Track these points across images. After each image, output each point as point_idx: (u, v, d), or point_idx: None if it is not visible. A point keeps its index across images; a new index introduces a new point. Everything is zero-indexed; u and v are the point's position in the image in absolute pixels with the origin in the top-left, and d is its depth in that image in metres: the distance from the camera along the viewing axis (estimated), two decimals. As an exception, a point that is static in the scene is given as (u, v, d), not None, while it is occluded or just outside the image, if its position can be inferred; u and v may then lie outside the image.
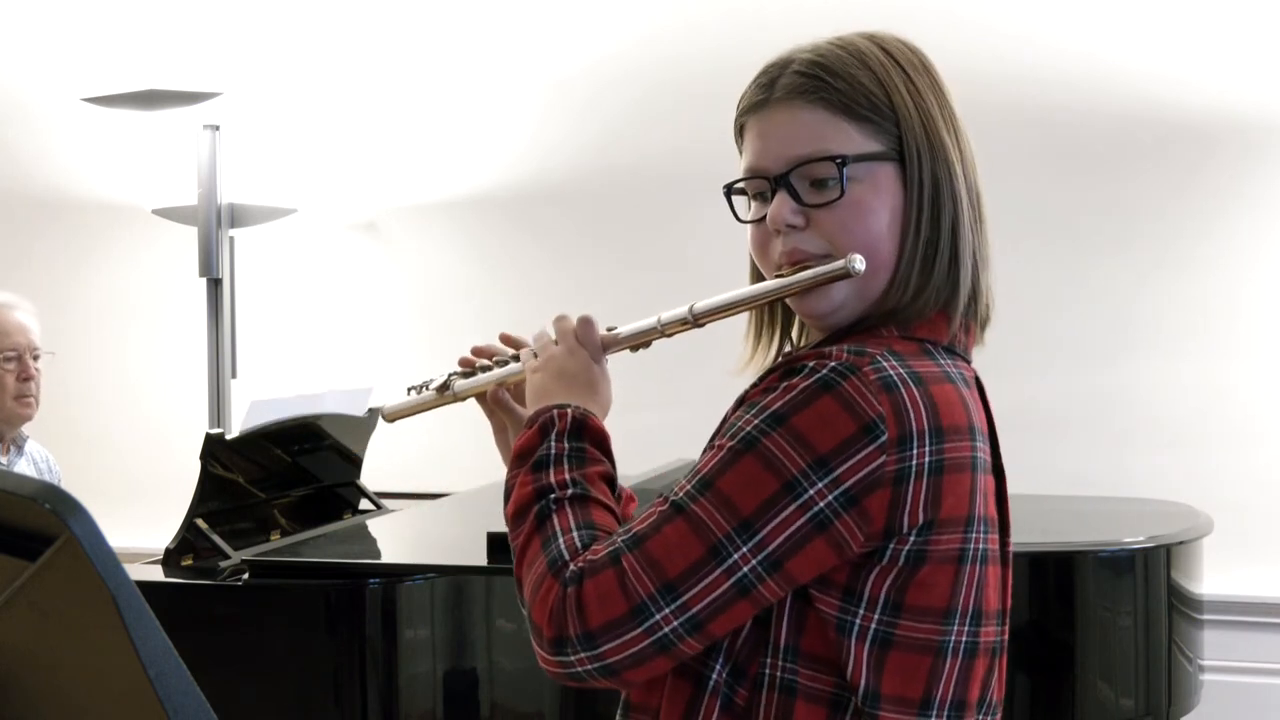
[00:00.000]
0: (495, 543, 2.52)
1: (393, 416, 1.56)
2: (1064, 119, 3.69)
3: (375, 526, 3.11)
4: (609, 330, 1.38)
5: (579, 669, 1.17)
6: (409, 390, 1.53)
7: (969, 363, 1.29)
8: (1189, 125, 3.61)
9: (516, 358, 1.44)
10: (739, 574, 1.14)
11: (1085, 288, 3.71)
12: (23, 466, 3.12)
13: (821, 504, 1.14)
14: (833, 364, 1.16)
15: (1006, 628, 1.28)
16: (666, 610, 1.14)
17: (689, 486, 1.18)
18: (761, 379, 1.24)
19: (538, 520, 1.22)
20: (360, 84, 4.22)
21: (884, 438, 1.14)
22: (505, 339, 1.50)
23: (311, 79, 4.23)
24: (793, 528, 1.14)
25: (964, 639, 1.21)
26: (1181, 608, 2.76)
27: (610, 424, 1.33)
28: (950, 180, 1.25)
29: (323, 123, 4.24)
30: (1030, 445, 3.70)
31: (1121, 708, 2.64)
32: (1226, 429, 3.63)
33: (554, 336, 1.38)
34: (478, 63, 4.14)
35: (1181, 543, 2.76)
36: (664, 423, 3.49)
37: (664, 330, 1.35)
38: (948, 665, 1.20)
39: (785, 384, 1.17)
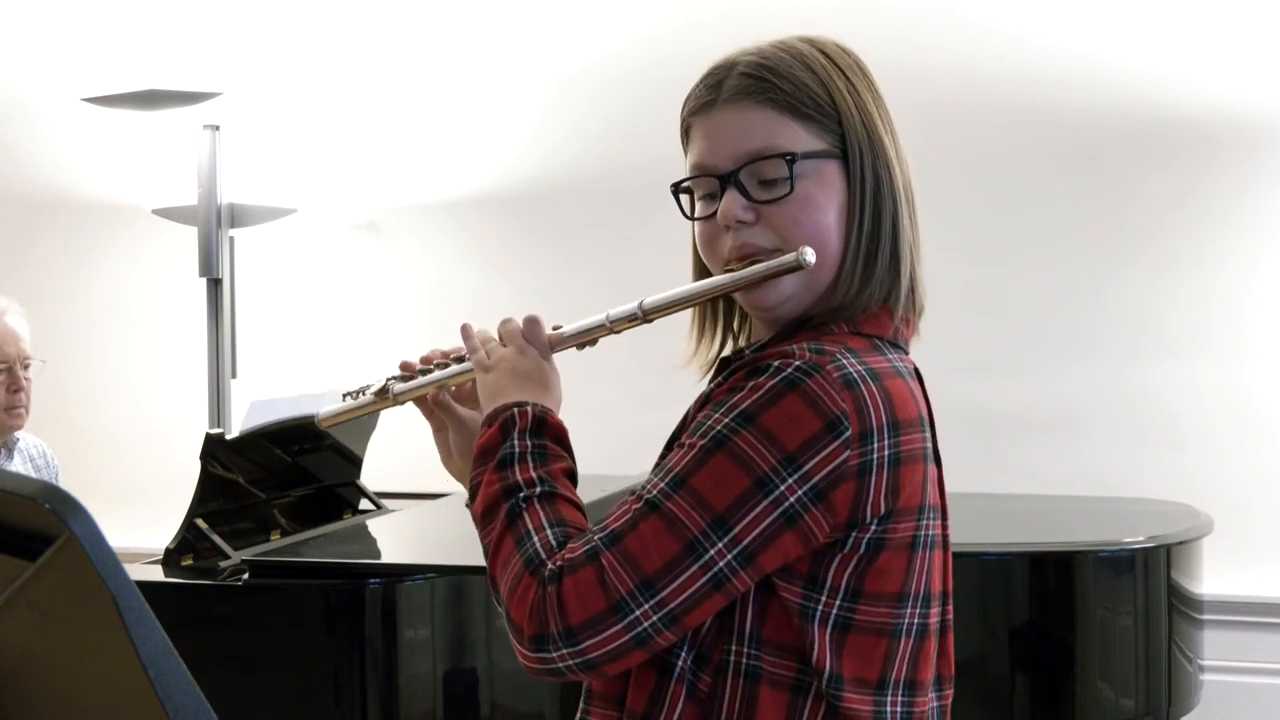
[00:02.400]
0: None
1: (326, 422, 1.55)
2: (1063, 119, 3.68)
3: (375, 526, 3.11)
4: (555, 329, 1.40)
5: (559, 665, 1.19)
6: (344, 396, 1.53)
7: (908, 354, 1.33)
8: (1192, 125, 3.61)
9: (460, 359, 1.44)
10: (715, 569, 1.18)
11: (1089, 289, 3.71)
12: (17, 464, 3.10)
13: (792, 499, 1.17)
14: (797, 363, 1.20)
15: (950, 607, 1.34)
16: (645, 606, 1.17)
17: (662, 484, 1.20)
18: (726, 377, 1.27)
19: (509, 518, 1.25)
20: (360, 84, 4.22)
21: (848, 433, 1.18)
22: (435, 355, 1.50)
23: (311, 79, 4.23)
24: (765, 523, 1.17)
25: (915, 621, 1.26)
26: (1181, 608, 2.76)
27: (613, 424, 1.34)
28: (890, 178, 1.30)
29: (323, 123, 4.24)
30: (1033, 445, 3.71)
31: (1121, 708, 2.64)
32: (1226, 429, 3.62)
33: (498, 339, 1.40)
34: (478, 63, 4.14)
35: (1181, 543, 2.76)
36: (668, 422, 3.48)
37: (613, 327, 1.37)
38: (901, 646, 1.25)
39: (752, 383, 1.20)
